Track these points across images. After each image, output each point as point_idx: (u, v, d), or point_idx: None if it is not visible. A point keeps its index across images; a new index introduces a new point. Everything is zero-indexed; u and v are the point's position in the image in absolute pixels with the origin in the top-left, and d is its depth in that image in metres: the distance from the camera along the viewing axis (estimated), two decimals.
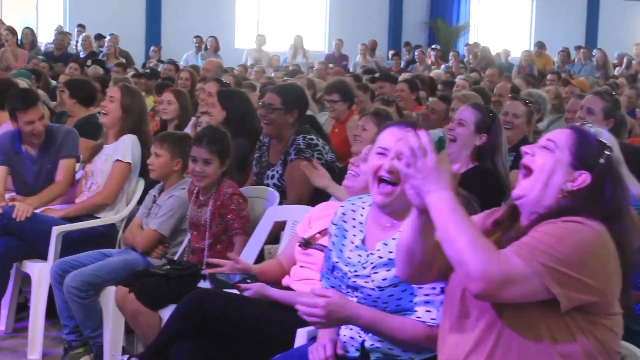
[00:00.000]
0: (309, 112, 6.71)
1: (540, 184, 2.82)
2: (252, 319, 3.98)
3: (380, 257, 3.44)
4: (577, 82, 10.51)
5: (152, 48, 18.22)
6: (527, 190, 2.84)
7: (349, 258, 3.54)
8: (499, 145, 5.13)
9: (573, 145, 2.84)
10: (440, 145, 6.54)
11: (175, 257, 5.23)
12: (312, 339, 3.74)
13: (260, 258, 5.01)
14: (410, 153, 2.66)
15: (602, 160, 2.82)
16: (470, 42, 21.38)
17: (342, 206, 3.70)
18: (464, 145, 5.13)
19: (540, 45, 19.23)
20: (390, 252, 3.40)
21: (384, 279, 3.40)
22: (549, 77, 12.93)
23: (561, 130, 2.91)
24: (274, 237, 5.24)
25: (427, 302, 3.32)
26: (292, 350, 3.75)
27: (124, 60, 15.14)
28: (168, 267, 4.82)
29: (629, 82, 13.32)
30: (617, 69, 18.03)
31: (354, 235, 3.59)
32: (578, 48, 19.21)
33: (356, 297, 3.49)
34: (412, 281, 3.09)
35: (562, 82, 10.39)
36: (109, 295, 5.09)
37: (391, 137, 3.45)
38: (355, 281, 3.47)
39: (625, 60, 18.70)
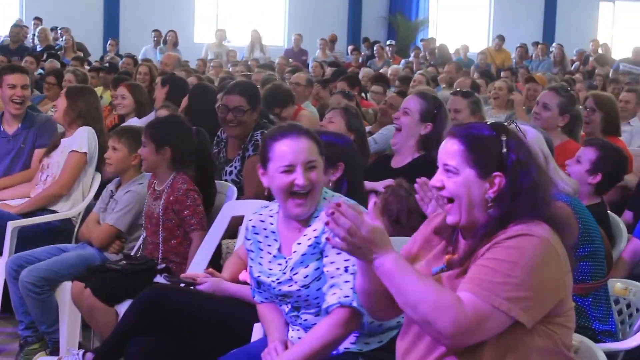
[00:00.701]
0: None
1: (465, 209, 2.77)
2: (208, 314, 3.98)
3: (296, 258, 3.47)
4: (539, 78, 10.56)
5: (109, 42, 18.09)
6: (457, 217, 2.78)
7: (270, 269, 3.57)
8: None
9: (469, 158, 2.75)
10: None
11: (132, 252, 5.21)
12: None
13: (217, 252, 5.01)
14: (345, 234, 2.63)
15: (504, 150, 2.75)
16: (430, 37, 21.44)
17: (250, 220, 3.70)
18: (409, 134, 5.15)
19: (500, 39, 19.38)
20: (304, 249, 3.45)
21: (305, 277, 3.44)
22: (502, 73, 13.03)
23: (451, 148, 2.79)
24: (232, 231, 5.23)
25: (331, 286, 3.35)
26: (249, 345, 3.76)
27: (82, 54, 15.03)
28: (124, 262, 4.81)
29: (585, 78, 13.44)
30: (574, 65, 18.19)
31: (269, 246, 3.61)
32: (536, 44, 19.37)
33: (289, 303, 3.53)
34: (381, 318, 3.10)
35: (526, 78, 10.46)
36: (65, 291, 5.06)
37: (290, 152, 3.43)
38: (280, 289, 3.51)
39: (582, 56, 18.89)
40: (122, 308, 4.49)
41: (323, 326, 3.33)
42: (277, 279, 3.51)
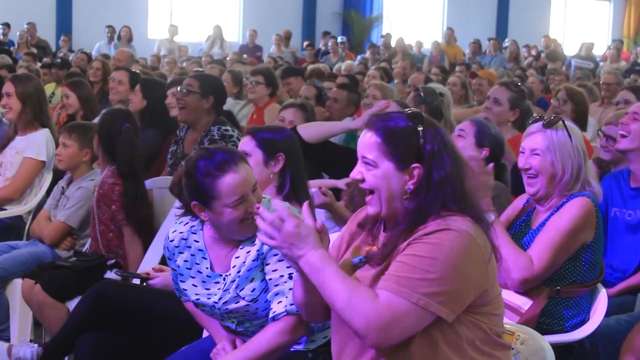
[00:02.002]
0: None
1: (385, 200, 2.75)
2: (157, 309, 3.98)
3: (238, 273, 3.42)
4: (484, 73, 10.67)
5: (62, 38, 17.92)
6: (377, 208, 2.77)
7: (207, 290, 3.50)
8: None
9: (386, 151, 2.73)
10: (351, 138, 6.58)
11: (84, 249, 5.19)
12: None
13: None
14: (269, 229, 2.64)
15: (421, 141, 2.72)
16: (384, 33, 21.51)
17: (171, 241, 3.58)
18: None
19: (450, 33, 19.49)
20: (244, 262, 3.40)
21: (252, 290, 3.41)
22: (457, 68, 13.13)
23: (368, 140, 2.77)
24: None
25: (276, 294, 3.34)
26: (200, 341, 3.76)
27: (34, 51, 14.88)
28: (74, 258, 4.79)
29: (538, 74, 13.57)
30: (526, 60, 18.34)
31: (198, 264, 3.53)
32: (490, 40, 19.50)
33: (234, 318, 3.50)
34: (320, 322, 3.13)
35: (470, 73, 10.56)
36: (16, 288, 5.03)
37: (238, 185, 3.32)
38: (227, 308, 3.46)
39: (534, 51, 19.06)
40: (73, 304, 4.47)
41: (269, 332, 3.31)
42: (221, 299, 3.45)
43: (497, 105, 6.08)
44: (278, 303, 3.32)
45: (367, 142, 2.77)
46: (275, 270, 3.35)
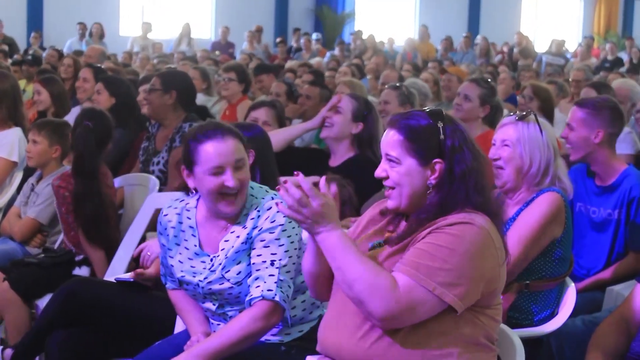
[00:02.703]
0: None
1: (406, 196, 2.83)
2: (128, 306, 3.97)
3: (226, 256, 3.43)
4: (454, 69, 10.72)
5: (32, 34, 17.80)
6: (397, 202, 2.85)
7: (193, 267, 3.52)
8: (376, 134, 5.24)
9: (409, 148, 2.82)
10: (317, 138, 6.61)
11: (55, 246, 5.17)
12: None
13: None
14: (296, 203, 2.70)
15: (442, 137, 2.81)
16: (356, 30, 21.55)
17: (165, 215, 3.61)
18: (341, 132, 5.25)
19: (423, 30, 19.53)
20: (233, 246, 3.42)
21: (238, 273, 3.42)
22: (430, 64, 13.16)
23: (392, 138, 2.85)
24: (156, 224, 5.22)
25: (256, 278, 3.35)
26: (171, 337, 3.75)
27: (6, 48, 14.77)
28: (42, 255, 4.78)
29: (510, 70, 13.62)
30: (497, 56, 18.40)
31: (186, 241, 3.54)
32: (463, 37, 19.53)
33: (216, 300, 3.50)
34: (324, 299, 3.11)
35: (440, 70, 10.59)
36: None
37: (218, 154, 3.35)
38: (210, 288, 3.47)
39: (505, 48, 19.13)
40: (43, 302, 4.46)
41: (244, 318, 3.32)
42: (206, 278, 3.46)
43: (467, 101, 6.12)
44: (256, 287, 3.32)
45: (391, 140, 2.86)
46: (260, 255, 3.36)
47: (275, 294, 3.29)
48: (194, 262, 3.51)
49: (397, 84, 7.00)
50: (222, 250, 3.45)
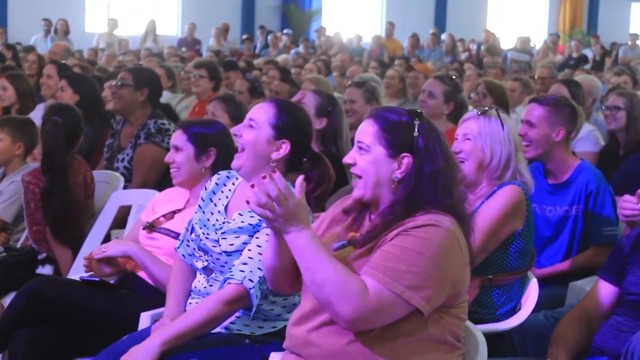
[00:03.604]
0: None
1: (371, 186, 2.85)
2: (93, 304, 3.96)
3: (232, 225, 3.49)
4: (420, 66, 10.77)
5: None
6: (362, 192, 2.86)
7: (208, 220, 3.59)
8: (340, 130, 5.25)
9: (381, 138, 2.84)
10: None
11: (18, 245, 5.14)
12: (156, 321, 3.74)
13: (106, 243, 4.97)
14: (270, 200, 2.67)
15: (415, 133, 2.82)
16: (323, 26, 21.57)
17: (217, 175, 3.73)
18: None
19: (390, 27, 19.56)
20: (243, 221, 3.47)
21: (230, 245, 3.47)
22: (396, 62, 13.19)
23: (367, 128, 2.88)
24: (121, 221, 5.20)
25: (244, 263, 3.37)
26: (136, 333, 3.74)
27: None
28: (4, 254, 4.74)
29: (476, 67, 13.68)
30: (464, 54, 18.48)
31: (219, 200, 3.65)
32: (433, 34, 19.56)
33: (206, 260, 3.56)
34: (283, 292, 3.14)
35: (406, 67, 10.63)
36: None
37: None
38: (205, 243, 3.54)
39: (473, 45, 19.22)
40: (6, 301, 4.43)
41: (210, 301, 3.35)
42: (207, 234, 3.53)
43: (431, 98, 6.15)
44: (240, 271, 3.34)
45: (365, 129, 2.88)
46: (259, 246, 3.38)
47: (253, 288, 3.30)
48: (213, 216, 3.59)
49: (361, 81, 7.00)
50: (233, 219, 3.51)
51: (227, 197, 3.65)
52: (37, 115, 7.00)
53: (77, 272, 4.57)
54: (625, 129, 6.24)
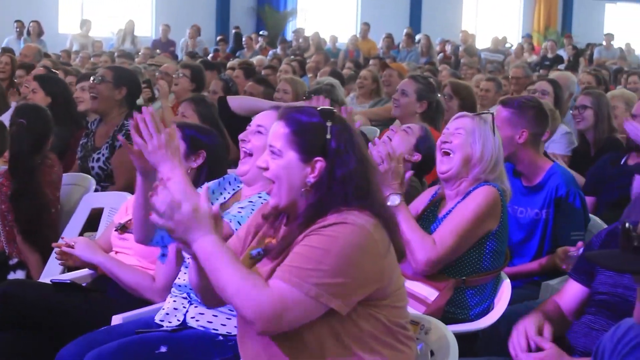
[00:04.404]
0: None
1: (285, 191, 2.78)
2: (65, 308, 3.96)
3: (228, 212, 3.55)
4: (395, 65, 10.79)
5: None
6: (277, 199, 2.80)
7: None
8: None
9: (293, 142, 2.77)
10: None
11: None
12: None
13: None
14: (165, 208, 2.61)
15: (327, 136, 2.76)
16: (298, 27, 21.56)
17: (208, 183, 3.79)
18: None
19: (365, 28, 19.59)
20: (239, 211, 3.54)
21: None
22: (371, 62, 13.22)
23: (278, 130, 2.81)
24: (93, 224, 5.17)
25: None
26: (111, 327, 3.75)
27: None
28: None
29: (452, 68, 13.72)
30: (440, 55, 18.52)
31: (217, 199, 3.76)
32: (407, 35, 19.59)
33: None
34: (218, 306, 3.11)
35: (381, 65, 10.66)
36: None
37: None
38: None
39: (448, 46, 19.27)
40: None
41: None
42: None
43: (404, 96, 6.16)
44: None
45: (277, 132, 2.80)
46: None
47: None
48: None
49: (316, 88, 7.01)
50: (228, 212, 3.56)
51: (225, 198, 3.71)
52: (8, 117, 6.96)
53: (49, 275, 4.54)
54: (593, 128, 6.28)
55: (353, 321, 2.70)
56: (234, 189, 3.77)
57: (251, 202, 3.56)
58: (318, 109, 2.84)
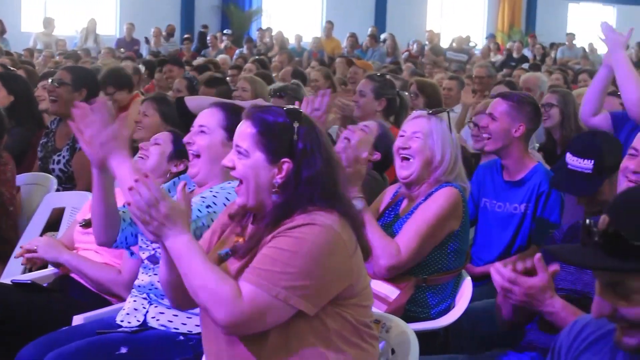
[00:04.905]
0: None
1: (253, 191, 2.78)
2: (26, 308, 3.94)
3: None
4: (361, 62, 10.79)
5: None
6: (244, 198, 2.80)
7: None
8: None
9: (260, 142, 2.77)
10: None
11: None
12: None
13: None
14: (144, 204, 2.62)
15: (294, 137, 2.76)
16: (263, 27, 21.54)
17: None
18: None
19: (329, 27, 19.60)
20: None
21: None
22: (338, 60, 13.21)
23: (245, 130, 2.81)
24: (54, 224, 5.14)
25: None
26: (72, 328, 3.74)
27: None
28: None
29: (417, 67, 13.74)
30: (404, 54, 18.56)
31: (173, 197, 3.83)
32: (371, 35, 19.63)
33: (153, 249, 3.59)
34: (184, 308, 3.10)
35: (347, 62, 10.68)
36: None
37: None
38: None
39: (414, 46, 19.33)
40: None
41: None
42: None
43: (362, 97, 6.17)
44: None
45: (243, 132, 2.80)
46: None
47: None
48: None
49: (279, 87, 7.01)
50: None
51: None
52: None
53: (9, 275, 4.51)
54: (559, 126, 6.33)
55: (320, 320, 2.71)
56: (189, 189, 3.76)
57: (214, 194, 3.55)
58: (285, 108, 2.83)
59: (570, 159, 4.11)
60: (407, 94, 6.96)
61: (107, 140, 3.19)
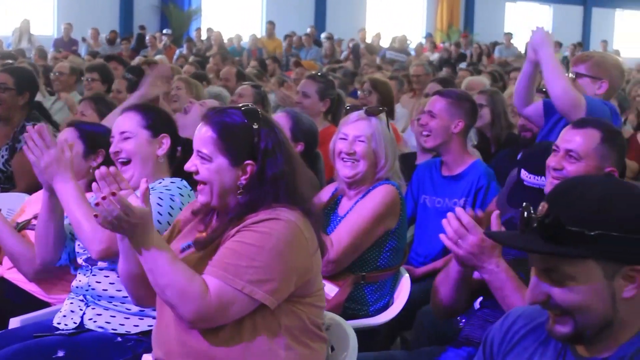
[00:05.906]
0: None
1: (216, 193, 2.81)
2: None
3: None
4: (307, 63, 10.85)
5: None
6: (207, 198, 2.83)
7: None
8: None
9: (221, 147, 2.79)
10: None
11: None
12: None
13: None
14: (111, 218, 2.63)
15: (255, 139, 2.79)
16: (203, 27, 21.45)
17: None
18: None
19: (270, 27, 19.58)
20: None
21: None
22: (267, 61, 13.23)
23: (204, 135, 2.81)
24: None
25: None
26: (6, 331, 3.71)
27: None
28: None
29: (355, 66, 13.80)
30: (343, 54, 18.61)
31: None
32: (307, 35, 19.68)
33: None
34: (146, 305, 3.09)
35: (294, 62, 10.70)
36: None
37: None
38: None
39: (351, 44, 19.38)
40: None
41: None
42: None
43: (306, 98, 6.18)
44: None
45: (203, 137, 2.81)
46: None
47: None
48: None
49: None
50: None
51: None
52: None
53: None
54: (490, 126, 6.40)
55: (274, 316, 2.75)
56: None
57: (168, 189, 3.54)
58: (242, 109, 2.84)
59: (526, 176, 4.15)
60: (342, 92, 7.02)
61: (48, 164, 3.29)
